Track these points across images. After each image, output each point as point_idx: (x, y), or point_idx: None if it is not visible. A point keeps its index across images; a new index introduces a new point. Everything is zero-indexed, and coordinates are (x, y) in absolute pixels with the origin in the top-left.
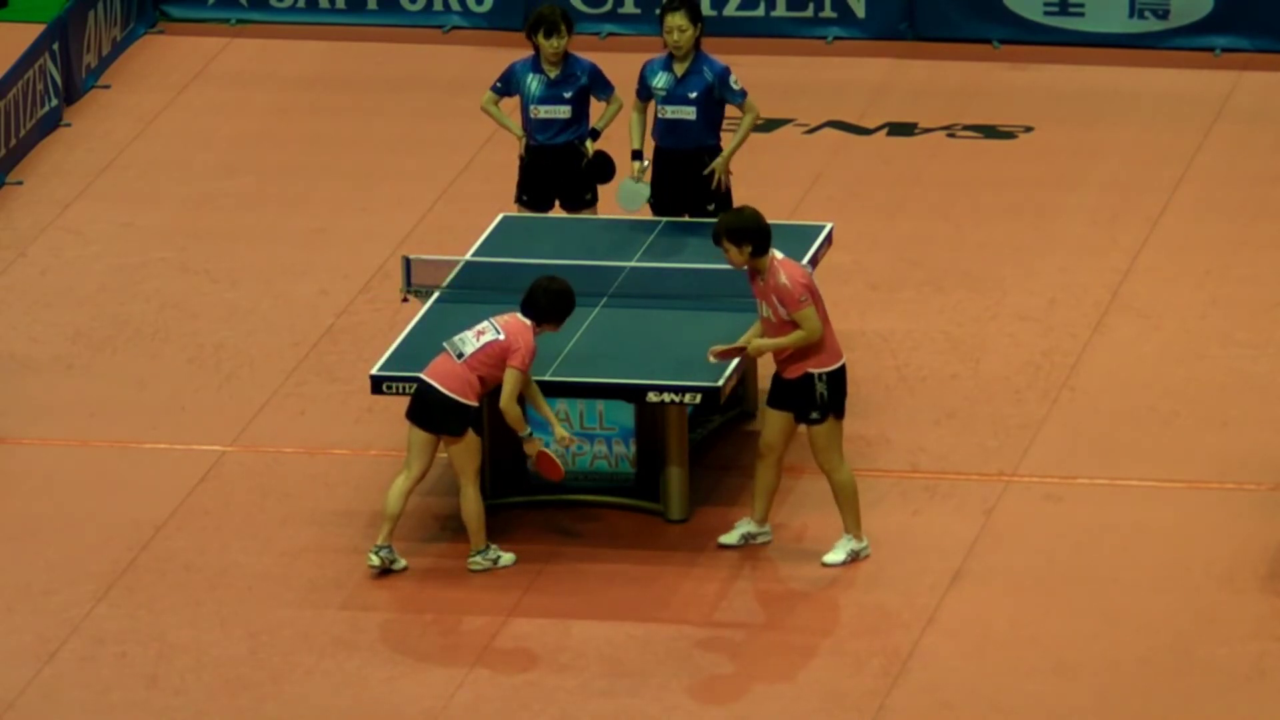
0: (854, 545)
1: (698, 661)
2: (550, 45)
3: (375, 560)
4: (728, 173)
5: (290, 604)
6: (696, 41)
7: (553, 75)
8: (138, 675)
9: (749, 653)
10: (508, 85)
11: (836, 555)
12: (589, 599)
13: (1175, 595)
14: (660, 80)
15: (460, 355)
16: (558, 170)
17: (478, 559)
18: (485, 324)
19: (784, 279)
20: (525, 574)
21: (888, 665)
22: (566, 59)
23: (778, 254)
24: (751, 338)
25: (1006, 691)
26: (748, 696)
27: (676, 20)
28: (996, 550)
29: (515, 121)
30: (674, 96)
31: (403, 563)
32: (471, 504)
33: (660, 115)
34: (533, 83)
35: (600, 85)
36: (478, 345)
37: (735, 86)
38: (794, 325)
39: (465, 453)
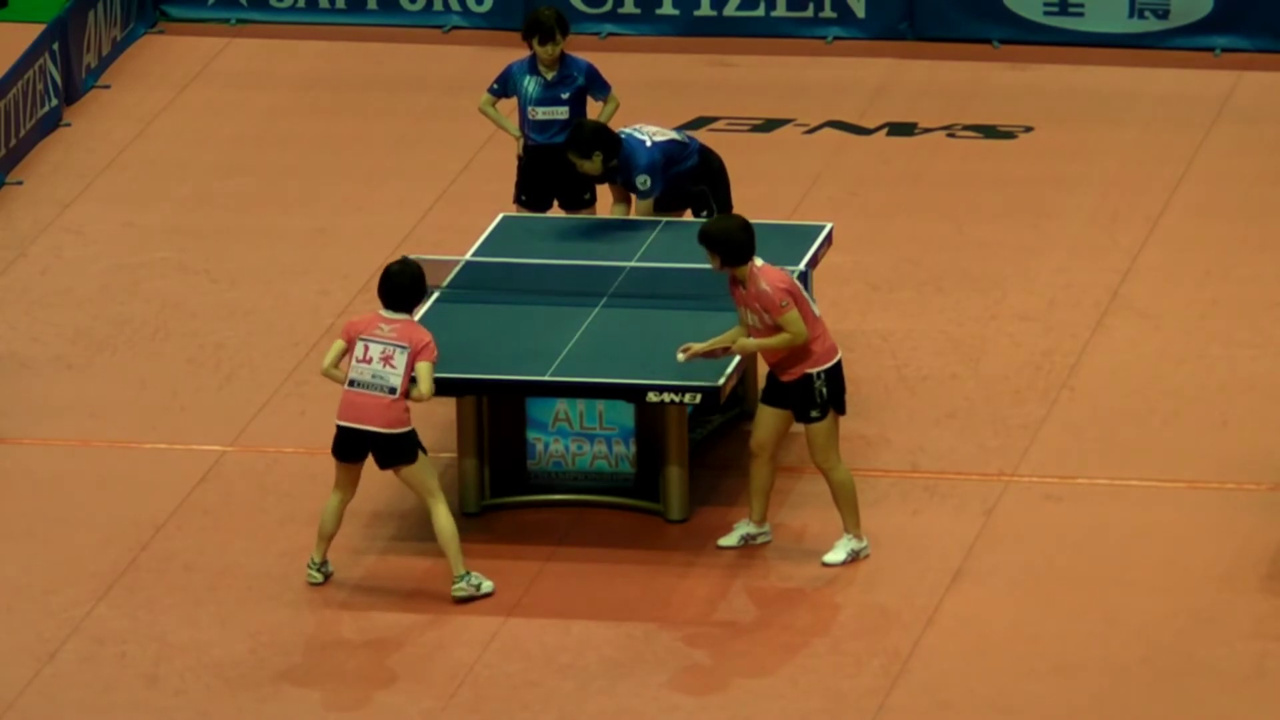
0: (854, 545)
1: (697, 661)
2: (545, 50)
3: (318, 577)
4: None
5: (290, 604)
6: (612, 158)
7: (549, 77)
8: (138, 675)
9: (749, 653)
10: (505, 87)
11: (836, 555)
12: (589, 599)
13: (1175, 595)
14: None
15: (393, 390)
16: (556, 170)
17: (461, 585)
18: (377, 348)
19: (764, 285)
20: (525, 574)
21: (888, 665)
22: (563, 60)
23: (758, 261)
24: (735, 337)
25: (1006, 691)
26: (748, 696)
27: (570, 158)
28: (996, 550)
29: (513, 123)
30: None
31: (330, 566)
32: (444, 523)
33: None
34: (530, 84)
35: (597, 85)
36: (401, 370)
37: (641, 187)
38: (780, 329)
39: (422, 473)
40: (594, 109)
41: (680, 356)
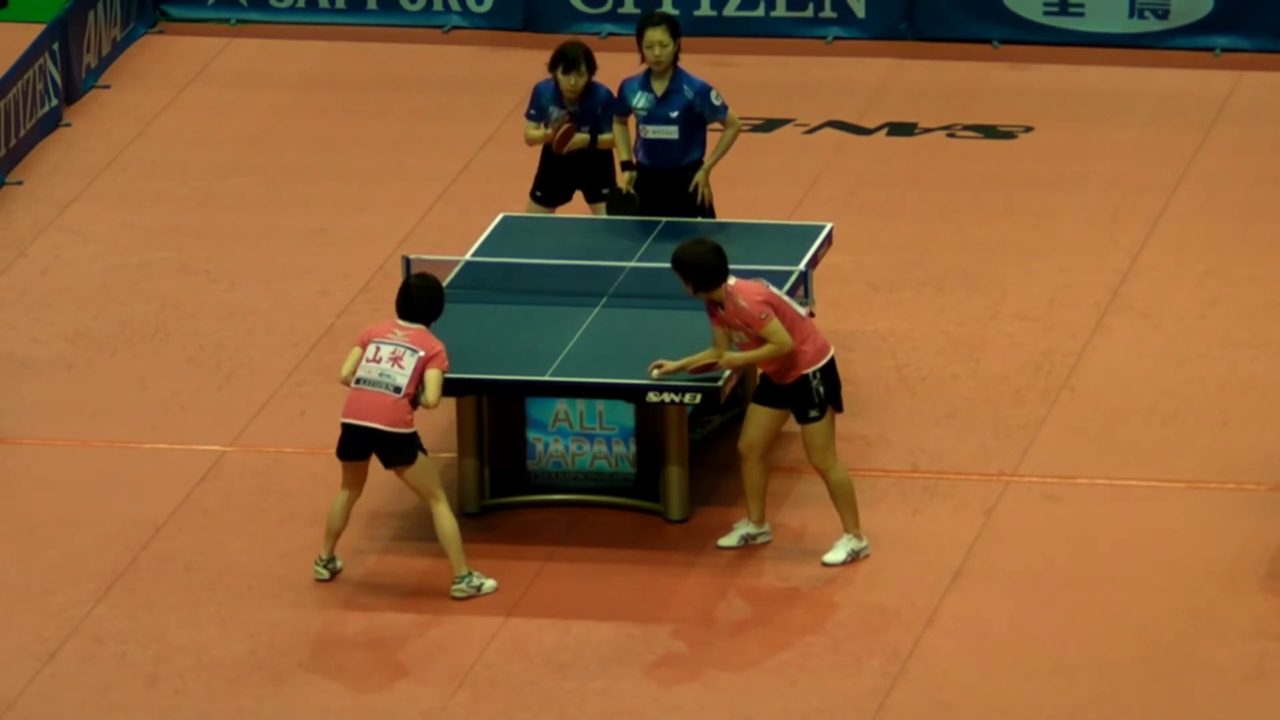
0: (854, 545)
1: (697, 661)
2: (568, 81)
3: (325, 573)
4: (708, 186)
5: (290, 604)
6: (675, 58)
7: (573, 109)
8: (138, 675)
9: (749, 652)
10: (540, 109)
11: (836, 555)
12: (589, 599)
13: (1175, 595)
14: (640, 100)
15: (399, 389)
16: (577, 167)
17: (461, 586)
18: (389, 350)
19: (741, 302)
20: (525, 574)
21: (888, 665)
22: (587, 89)
23: (731, 279)
24: (712, 357)
25: (1006, 691)
26: (748, 696)
27: (658, 35)
28: (996, 550)
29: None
30: (655, 116)
31: (339, 563)
32: (446, 524)
33: (642, 135)
34: (552, 111)
35: (609, 115)
36: (409, 371)
37: (717, 102)
38: (765, 341)
39: (423, 474)
40: None
41: (654, 374)
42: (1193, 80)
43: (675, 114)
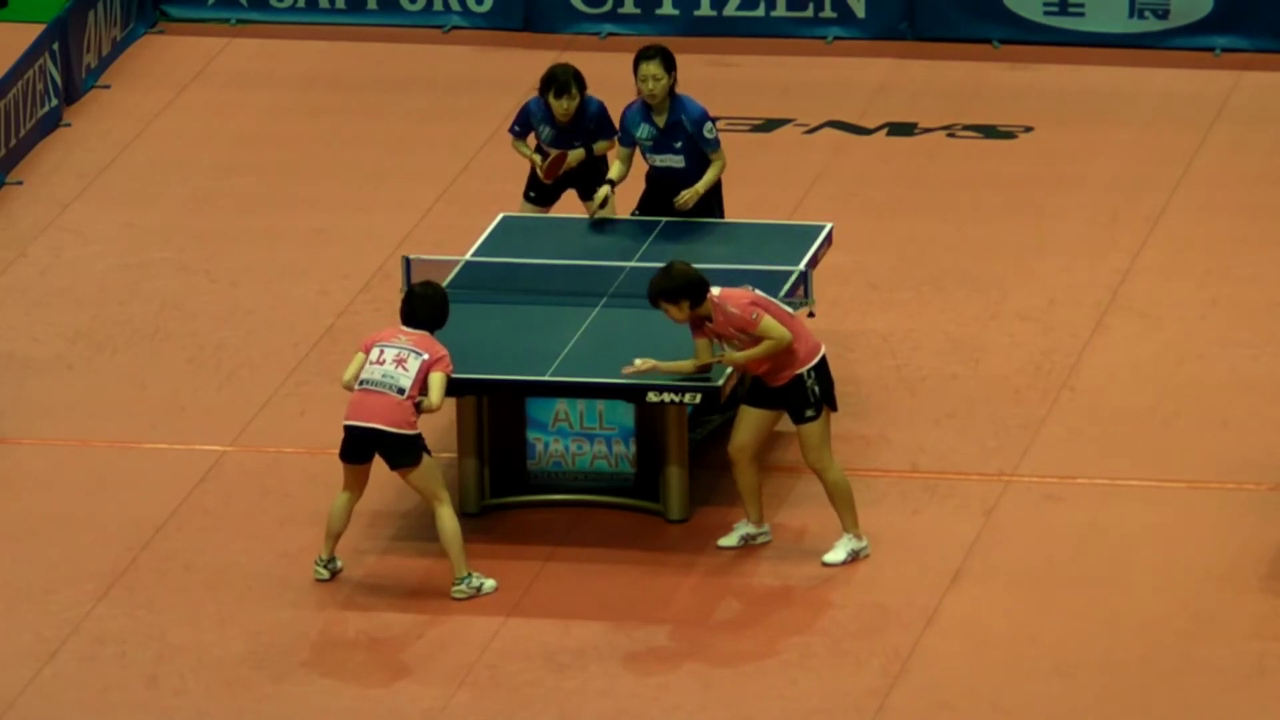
0: (854, 545)
1: (697, 661)
2: (561, 106)
3: (325, 574)
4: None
5: (290, 604)
6: (671, 89)
7: (562, 127)
8: (138, 675)
9: (749, 652)
10: (524, 128)
11: (836, 555)
12: (589, 599)
13: (1175, 595)
14: (643, 131)
15: (402, 390)
16: (571, 171)
17: (461, 587)
18: (393, 352)
19: (731, 309)
20: (525, 574)
21: (888, 665)
22: (578, 110)
23: (715, 291)
24: (695, 365)
25: (1006, 691)
26: (748, 696)
27: (651, 69)
28: (996, 550)
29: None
30: (660, 146)
31: (339, 563)
32: (448, 525)
33: (649, 163)
34: (544, 130)
35: (604, 129)
36: (414, 374)
37: (709, 136)
38: (761, 339)
39: (427, 476)
40: None
41: (638, 364)
42: (1193, 80)
43: (680, 144)
